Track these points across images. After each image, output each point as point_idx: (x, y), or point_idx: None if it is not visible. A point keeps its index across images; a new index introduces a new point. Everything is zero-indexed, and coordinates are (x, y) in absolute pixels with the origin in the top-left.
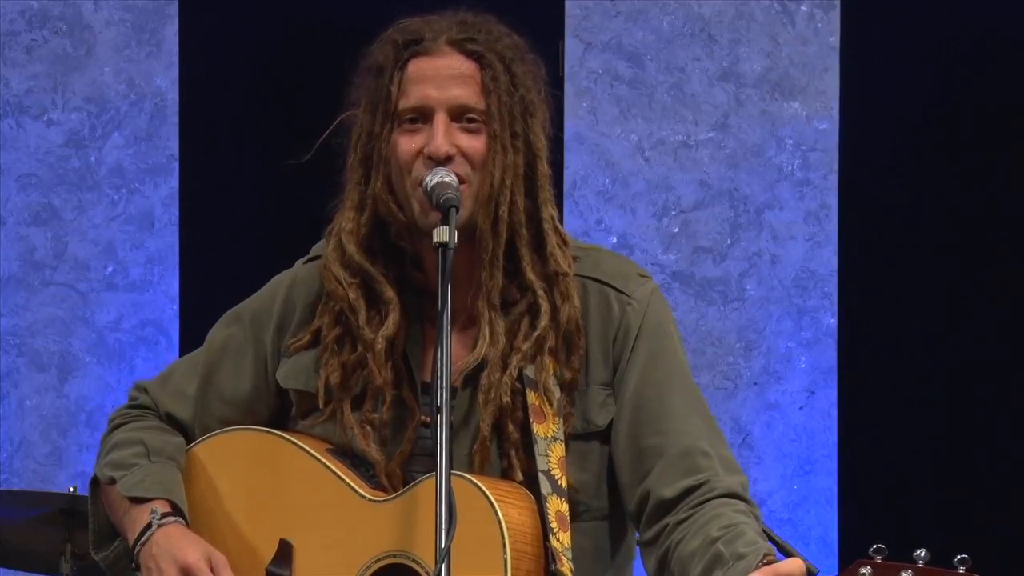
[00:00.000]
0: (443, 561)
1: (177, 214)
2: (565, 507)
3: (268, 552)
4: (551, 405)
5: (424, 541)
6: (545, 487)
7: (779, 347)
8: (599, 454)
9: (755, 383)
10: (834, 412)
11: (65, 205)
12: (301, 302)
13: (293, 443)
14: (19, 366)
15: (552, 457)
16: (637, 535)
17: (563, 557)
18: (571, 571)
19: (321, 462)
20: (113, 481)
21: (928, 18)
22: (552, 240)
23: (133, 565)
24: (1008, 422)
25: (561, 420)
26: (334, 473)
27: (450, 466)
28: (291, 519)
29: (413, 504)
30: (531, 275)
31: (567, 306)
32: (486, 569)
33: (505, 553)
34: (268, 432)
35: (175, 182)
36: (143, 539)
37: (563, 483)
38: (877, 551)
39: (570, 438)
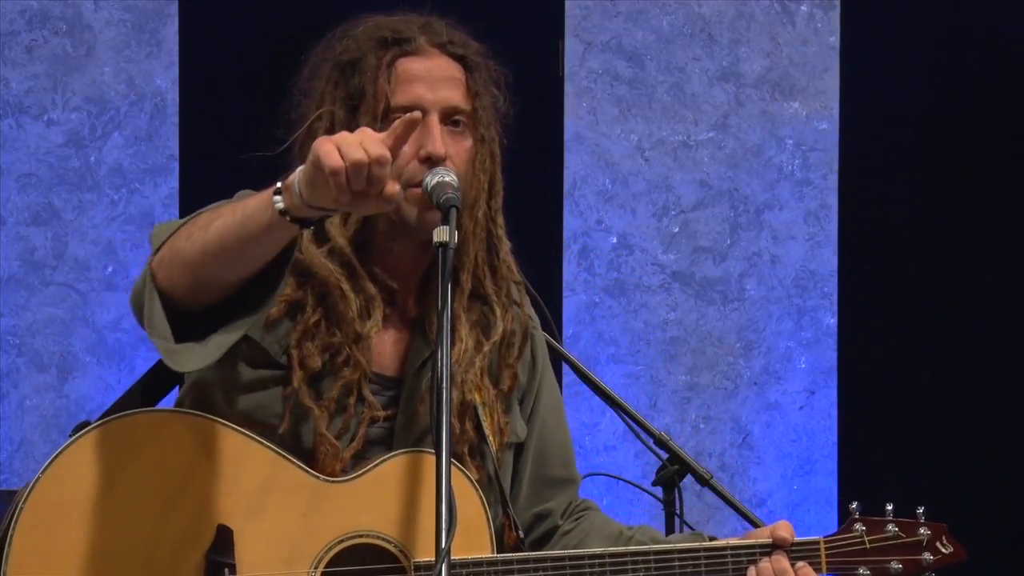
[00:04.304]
0: (443, 561)
1: (177, 214)
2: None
3: (206, 539)
4: (493, 391)
5: (395, 519)
6: (491, 452)
7: (779, 347)
8: (511, 466)
9: (755, 383)
10: (834, 412)
11: (65, 205)
12: None
13: (228, 426)
14: (19, 366)
15: (488, 422)
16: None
17: (517, 523)
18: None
19: (263, 444)
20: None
21: (928, 18)
22: (504, 246)
23: (275, 190)
24: (1008, 421)
25: (492, 395)
26: (277, 453)
27: (449, 466)
28: (228, 503)
29: (377, 483)
30: (486, 282)
31: (516, 316)
32: (474, 547)
33: (491, 530)
34: (198, 415)
35: (175, 182)
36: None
37: (496, 451)
38: (856, 508)
39: (502, 448)
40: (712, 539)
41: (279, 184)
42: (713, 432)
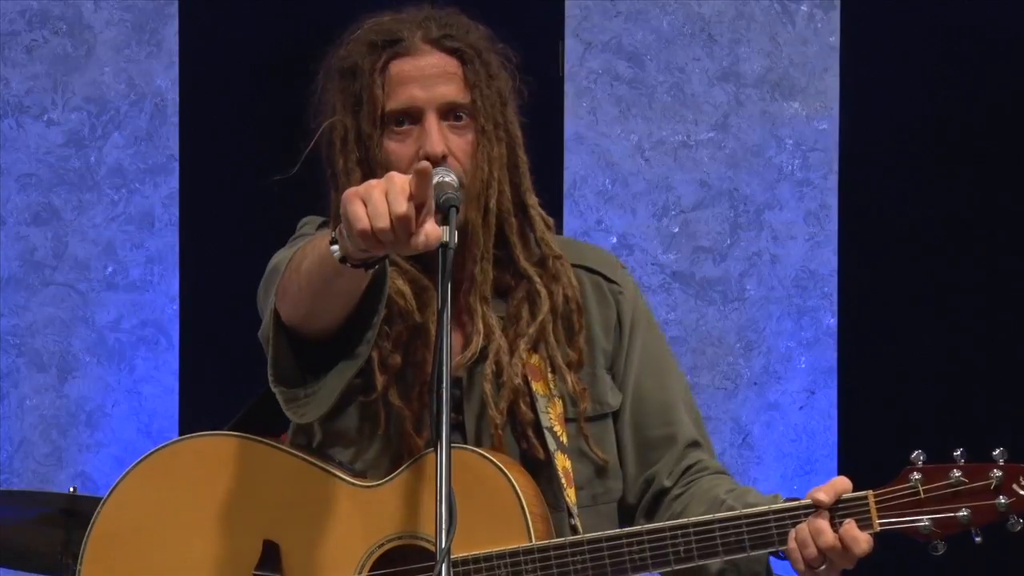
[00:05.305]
0: (443, 561)
1: (177, 214)
2: (568, 463)
3: (252, 556)
4: (551, 370)
5: (432, 519)
6: (551, 444)
7: (779, 347)
8: (612, 436)
9: (755, 383)
10: (834, 412)
11: (65, 205)
12: None
13: (263, 443)
14: (19, 366)
15: (552, 414)
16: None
17: (574, 511)
18: (581, 525)
19: (300, 457)
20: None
21: (928, 18)
22: (540, 225)
23: (332, 239)
24: (1009, 421)
25: (564, 387)
26: (315, 465)
27: (450, 466)
28: (273, 519)
29: (412, 484)
30: (524, 263)
31: (565, 288)
32: (510, 537)
33: (526, 518)
34: (237, 436)
35: (175, 182)
36: None
37: (564, 440)
38: (918, 457)
39: (587, 420)
40: (792, 500)
41: (333, 234)
42: (713, 432)
